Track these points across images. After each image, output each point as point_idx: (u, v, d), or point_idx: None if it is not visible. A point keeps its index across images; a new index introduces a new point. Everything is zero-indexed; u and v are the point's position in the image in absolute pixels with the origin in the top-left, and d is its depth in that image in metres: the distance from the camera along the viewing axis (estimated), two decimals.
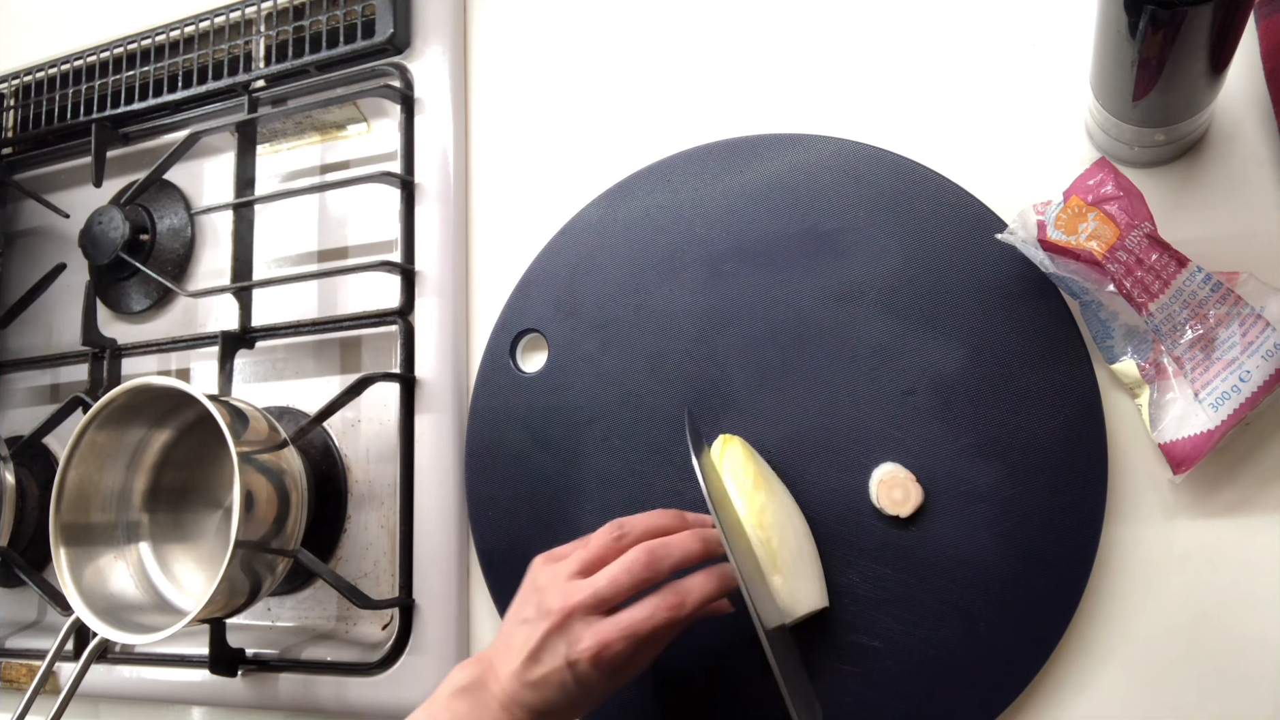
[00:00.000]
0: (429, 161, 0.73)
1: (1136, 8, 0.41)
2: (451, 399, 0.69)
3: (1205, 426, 0.49)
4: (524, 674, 0.48)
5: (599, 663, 0.47)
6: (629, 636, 0.47)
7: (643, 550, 0.49)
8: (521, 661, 0.48)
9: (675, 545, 0.49)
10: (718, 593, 0.49)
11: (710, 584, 0.49)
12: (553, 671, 0.48)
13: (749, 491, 0.53)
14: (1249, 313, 0.48)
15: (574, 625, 0.48)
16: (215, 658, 0.69)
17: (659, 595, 0.48)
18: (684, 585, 0.49)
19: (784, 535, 0.52)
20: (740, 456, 0.55)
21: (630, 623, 0.47)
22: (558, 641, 0.48)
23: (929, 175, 0.58)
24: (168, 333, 0.82)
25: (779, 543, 0.52)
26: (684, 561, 0.49)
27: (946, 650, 0.53)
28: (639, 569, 0.48)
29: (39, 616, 0.86)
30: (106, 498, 0.71)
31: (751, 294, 0.60)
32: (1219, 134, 0.54)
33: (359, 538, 0.72)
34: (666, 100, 0.68)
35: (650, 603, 0.48)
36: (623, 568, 0.48)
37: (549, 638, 0.48)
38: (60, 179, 0.91)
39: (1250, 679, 0.50)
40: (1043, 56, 0.59)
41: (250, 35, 0.80)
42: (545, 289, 0.67)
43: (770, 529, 0.52)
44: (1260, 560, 0.50)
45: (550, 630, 0.48)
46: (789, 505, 0.54)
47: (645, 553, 0.49)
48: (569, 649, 0.47)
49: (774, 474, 0.56)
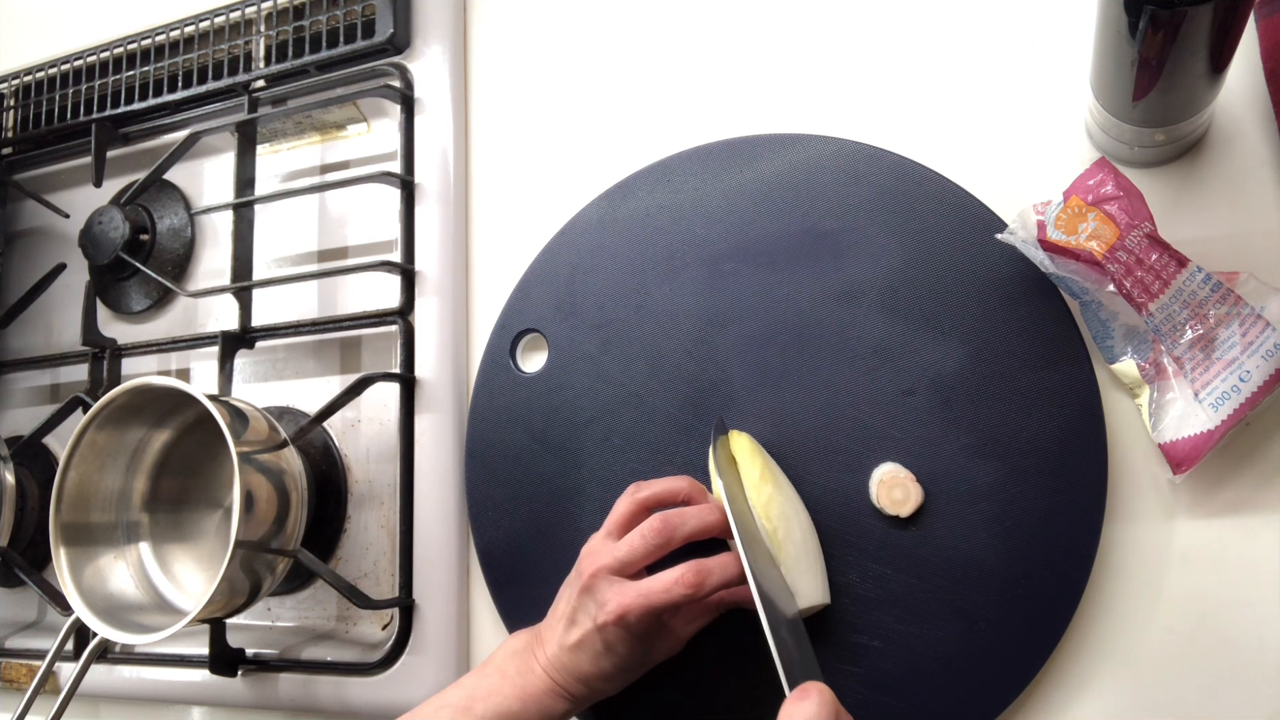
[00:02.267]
0: (429, 161, 0.73)
1: (1136, 8, 0.41)
2: (451, 399, 0.69)
3: (1205, 426, 0.49)
4: (564, 638, 0.51)
5: (623, 624, 0.49)
6: (646, 604, 0.49)
7: (659, 518, 0.51)
8: (563, 626, 0.52)
9: (692, 514, 0.52)
10: (739, 577, 0.50)
11: (733, 568, 0.50)
12: (586, 635, 0.50)
13: (756, 484, 0.53)
14: (1249, 313, 0.48)
15: (600, 586, 0.51)
16: (215, 658, 0.69)
17: (680, 570, 0.49)
18: (706, 565, 0.50)
19: (789, 528, 0.52)
20: (747, 450, 0.55)
21: (649, 591, 0.49)
22: (588, 602, 0.51)
23: (929, 175, 0.58)
24: (168, 333, 0.82)
25: (784, 535, 0.52)
26: (700, 530, 0.51)
27: (946, 650, 0.53)
28: (652, 535, 0.51)
29: (39, 616, 0.86)
30: (106, 498, 0.71)
31: (751, 294, 0.60)
32: (1219, 134, 0.54)
33: (359, 538, 0.72)
34: (666, 100, 0.68)
35: (670, 575, 0.49)
36: (639, 534, 0.51)
37: (581, 600, 0.51)
38: (60, 179, 0.91)
39: (1250, 679, 0.50)
40: (1043, 56, 0.59)
41: (250, 35, 0.80)
42: (545, 289, 0.67)
43: (776, 520, 0.52)
44: (1260, 560, 0.50)
45: (581, 592, 0.51)
46: (794, 500, 0.54)
47: (661, 520, 0.51)
48: (596, 610, 0.50)
49: (780, 470, 0.56)
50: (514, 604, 0.64)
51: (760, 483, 0.53)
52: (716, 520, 0.52)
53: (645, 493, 0.54)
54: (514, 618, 0.64)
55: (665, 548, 0.51)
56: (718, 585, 0.50)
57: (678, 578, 0.49)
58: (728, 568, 0.50)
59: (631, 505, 0.54)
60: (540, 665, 0.52)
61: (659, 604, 0.49)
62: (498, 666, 0.53)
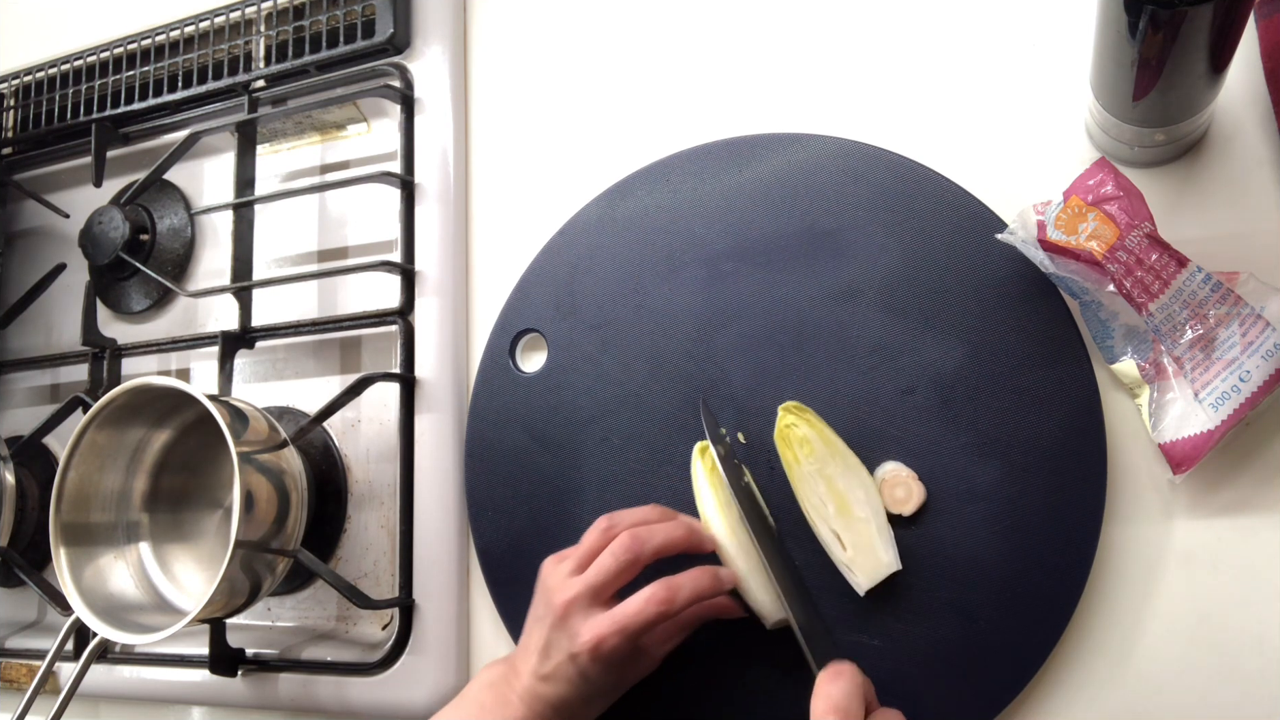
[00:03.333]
0: (429, 161, 0.73)
1: (1136, 8, 0.41)
2: (451, 399, 0.69)
3: (1205, 426, 0.49)
4: (539, 669, 0.51)
5: (598, 655, 0.49)
6: (621, 630, 0.49)
7: (626, 534, 0.51)
8: (536, 658, 0.51)
9: (659, 530, 0.52)
10: (711, 589, 0.51)
11: (703, 580, 0.50)
12: (560, 665, 0.50)
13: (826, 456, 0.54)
14: (1249, 313, 0.48)
15: (573, 618, 0.50)
16: (215, 658, 0.69)
17: (650, 588, 0.50)
18: (675, 580, 0.50)
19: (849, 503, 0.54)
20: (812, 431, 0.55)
21: (622, 617, 0.49)
22: (561, 636, 0.50)
23: (929, 175, 0.58)
24: (168, 333, 0.82)
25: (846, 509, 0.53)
26: (667, 545, 0.51)
27: (946, 649, 0.53)
28: (622, 551, 0.51)
29: (39, 616, 0.86)
30: (106, 498, 0.71)
31: (750, 293, 0.60)
32: (1219, 134, 0.54)
33: (359, 538, 0.72)
34: (666, 100, 0.68)
35: (641, 596, 0.49)
36: (609, 553, 0.51)
37: (554, 633, 0.51)
38: (60, 179, 0.91)
39: (1250, 679, 0.50)
40: (1043, 56, 0.59)
41: (250, 35, 0.80)
42: (545, 289, 0.67)
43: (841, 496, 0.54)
44: (1260, 560, 0.50)
45: (554, 625, 0.51)
46: (860, 474, 0.55)
47: (628, 536, 0.51)
48: (570, 643, 0.50)
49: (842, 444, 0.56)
50: (514, 604, 0.64)
51: (830, 457, 0.54)
52: (683, 536, 0.52)
53: (618, 529, 0.53)
54: (514, 617, 0.64)
55: (636, 564, 0.51)
56: (689, 599, 0.50)
57: (649, 596, 0.49)
58: (699, 581, 0.50)
59: (602, 538, 0.53)
60: (516, 696, 0.52)
61: (633, 626, 0.49)
62: (474, 699, 0.53)
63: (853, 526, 0.53)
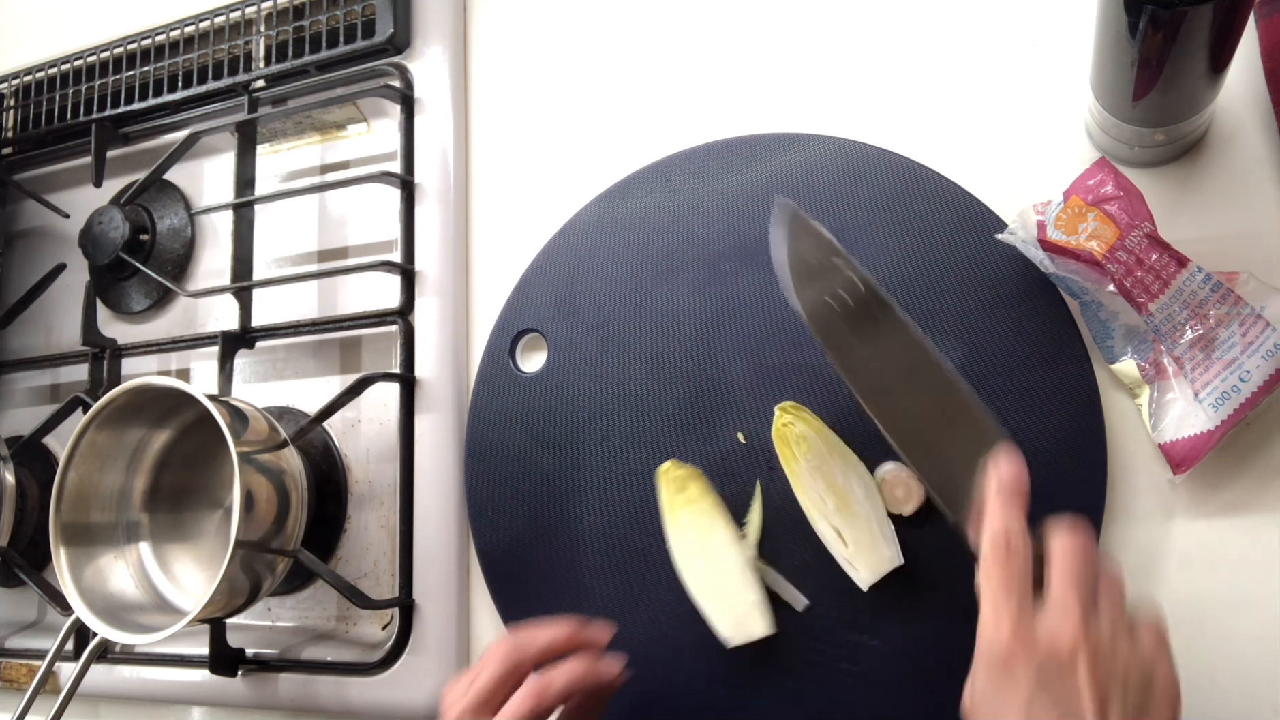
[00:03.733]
0: (429, 161, 0.73)
1: (1136, 8, 0.41)
2: (451, 399, 0.69)
3: (1205, 426, 0.49)
4: None
5: None
6: None
7: (527, 685, 0.51)
8: None
9: (560, 673, 0.51)
10: (583, 679, 0.51)
11: (576, 672, 0.51)
12: None
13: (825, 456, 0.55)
14: (1249, 313, 0.48)
15: None
16: (215, 658, 0.69)
17: (523, 687, 0.50)
18: (547, 677, 0.51)
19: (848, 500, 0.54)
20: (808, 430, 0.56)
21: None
22: None
23: (929, 175, 0.58)
24: (168, 333, 0.82)
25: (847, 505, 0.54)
26: (570, 687, 0.51)
27: (947, 650, 0.53)
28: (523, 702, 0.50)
29: (39, 616, 0.86)
30: (106, 498, 0.71)
31: (751, 294, 0.60)
32: (1219, 134, 0.54)
33: (359, 538, 0.72)
34: (666, 100, 0.68)
35: (514, 699, 0.50)
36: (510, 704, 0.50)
37: None
38: (60, 179, 0.91)
39: (1250, 679, 0.50)
40: (1043, 56, 0.59)
41: (250, 35, 0.80)
42: (544, 289, 0.67)
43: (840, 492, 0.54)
44: (1260, 560, 0.50)
45: None
46: (859, 471, 0.55)
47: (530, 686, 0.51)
48: None
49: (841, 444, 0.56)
50: (513, 603, 0.64)
51: (829, 455, 0.55)
52: (585, 670, 0.52)
53: (521, 657, 0.52)
54: (513, 617, 0.64)
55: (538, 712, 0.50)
56: (561, 692, 0.50)
57: (522, 694, 0.50)
58: (571, 673, 0.51)
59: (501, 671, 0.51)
60: None
61: None
62: None
63: (853, 522, 0.53)
